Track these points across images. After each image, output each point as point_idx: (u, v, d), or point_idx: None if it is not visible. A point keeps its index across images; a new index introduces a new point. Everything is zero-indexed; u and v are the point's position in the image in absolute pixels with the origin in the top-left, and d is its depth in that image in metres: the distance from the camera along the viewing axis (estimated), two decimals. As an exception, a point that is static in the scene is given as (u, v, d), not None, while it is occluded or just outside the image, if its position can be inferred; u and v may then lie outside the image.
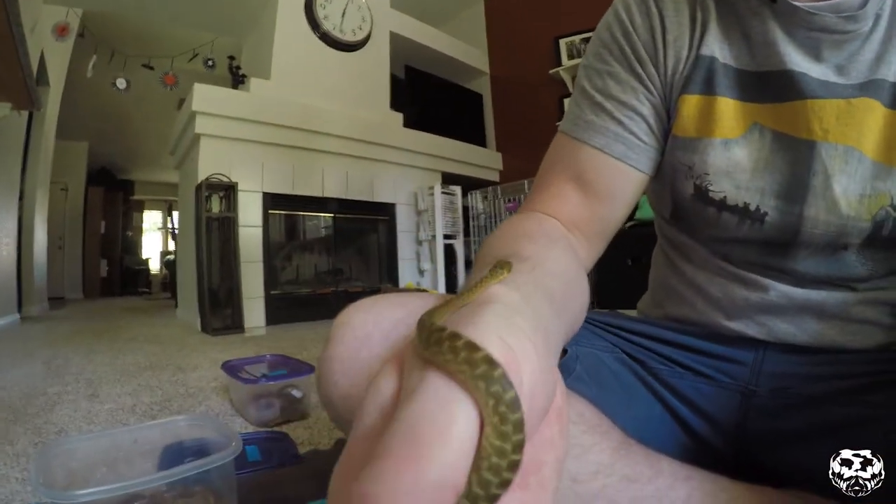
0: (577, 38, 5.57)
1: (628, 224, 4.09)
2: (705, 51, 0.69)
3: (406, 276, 5.14)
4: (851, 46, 0.64)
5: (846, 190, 0.64)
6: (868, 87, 0.64)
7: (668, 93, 0.72)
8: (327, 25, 4.61)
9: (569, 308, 0.47)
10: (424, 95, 5.95)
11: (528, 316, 0.33)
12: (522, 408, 0.24)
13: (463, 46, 6.32)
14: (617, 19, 0.74)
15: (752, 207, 0.68)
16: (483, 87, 6.72)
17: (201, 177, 3.65)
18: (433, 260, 5.09)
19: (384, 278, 5.02)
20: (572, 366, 0.72)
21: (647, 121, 0.72)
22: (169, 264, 9.06)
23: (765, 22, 0.66)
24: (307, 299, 4.41)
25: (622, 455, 0.61)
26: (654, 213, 0.90)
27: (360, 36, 4.87)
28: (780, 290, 0.71)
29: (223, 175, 3.71)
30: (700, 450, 0.74)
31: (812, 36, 0.64)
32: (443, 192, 5.06)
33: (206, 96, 3.70)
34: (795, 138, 0.66)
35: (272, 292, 4.08)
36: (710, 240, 0.75)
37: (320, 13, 4.58)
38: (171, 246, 10.53)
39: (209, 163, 3.73)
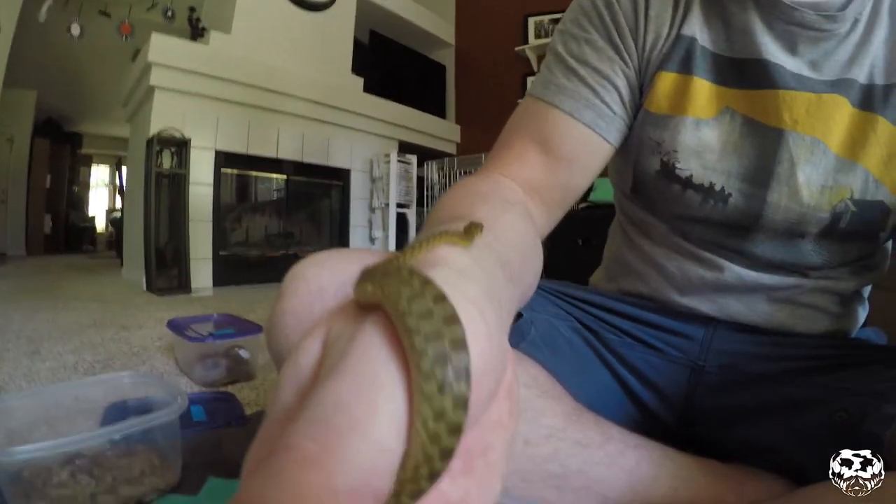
0: (546, 18, 5.56)
1: (581, 205, 4.14)
2: (686, 31, 0.70)
3: (357, 242, 5.12)
4: (827, 45, 0.66)
5: (809, 179, 0.67)
6: (839, 85, 0.66)
7: (644, 67, 0.73)
8: None
9: (522, 276, 0.46)
10: (387, 62, 5.87)
11: (480, 282, 0.28)
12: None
13: (430, 16, 6.23)
14: None
15: (718, 188, 0.71)
16: (447, 58, 6.66)
17: (153, 131, 3.54)
18: (385, 228, 5.08)
19: (335, 244, 4.98)
20: (527, 330, 0.74)
21: (620, 92, 0.72)
22: (115, 222, 8.71)
23: (745, 10, 0.68)
24: (256, 262, 4.36)
25: (574, 420, 0.65)
26: (614, 189, 0.92)
27: (326, -4, 4.76)
28: (735, 271, 0.74)
29: (176, 130, 3.60)
30: (648, 421, 0.78)
31: (790, 29, 0.66)
32: (399, 161, 5.04)
33: (163, 47, 3.57)
34: (765, 125, 0.69)
35: (221, 253, 4.02)
36: (671, 217, 0.77)
37: (288, -31, 4.44)
38: (119, 203, 10.16)
39: (162, 117, 3.61)
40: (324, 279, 0.53)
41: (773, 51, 0.67)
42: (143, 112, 3.92)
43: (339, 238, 5.04)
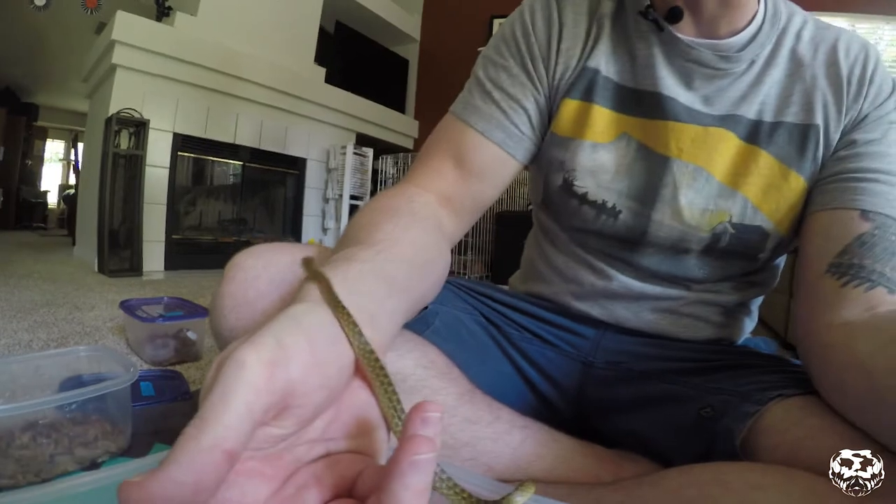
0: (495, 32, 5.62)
1: (530, 207, 4.25)
2: (591, 63, 0.78)
3: (310, 232, 5.13)
4: (721, 82, 0.75)
5: (691, 202, 0.75)
6: (727, 120, 0.74)
7: (553, 94, 0.81)
8: None
9: (412, 288, 0.52)
10: (351, 53, 5.86)
11: (323, 312, 0.37)
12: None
13: (397, 10, 6.24)
14: (521, 19, 0.82)
15: (609, 205, 0.78)
16: (411, 53, 6.68)
17: (113, 110, 3.51)
18: (338, 219, 5.11)
19: (287, 232, 5.00)
20: (431, 320, 0.80)
21: (529, 115, 0.80)
22: (68, 199, 8.41)
23: (649, 46, 0.76)
24: (209, 246, 4.34)
25: (466, 400, 0.72)
26: (531, 200, 1.00)
27: (294, -17, 4.72)
28: (622, 280, 0.81)
29: (135, 111, 3.58)
30: (545, 409, 0.86)
31: (687, 66, 0.74)
32: (355, 153, 5.07)
33: (127, 26, 3.52)
34: (655, 152, 0.77)
35: (173, 237, 3.99)
36: (571, 228, 0.85)
37: (259, -48, 4.37)
38: (72, 180, 9.70)
39: (122, 96, 3.58)
40: (259, 268, 0.64)
41: (669, 85, 0.75)
42: (104, 90, 3.87)
43: (292, 226, 5.04)
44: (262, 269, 0.62)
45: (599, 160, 0.78)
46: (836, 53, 0.74)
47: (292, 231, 5.02)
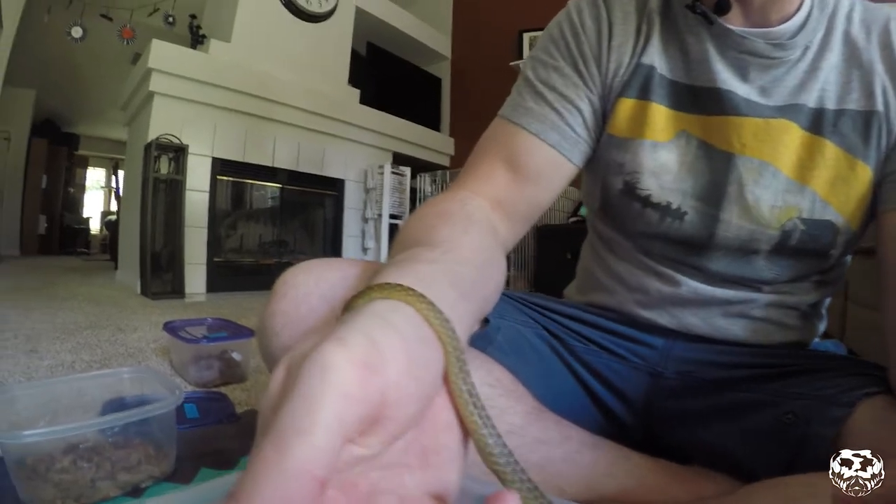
0: (540, 34, 5.61)
1: (571, 219, 4.20)
2: (645, 60, 0.76)
3: (349, 252, 5.14)
4: (777, 71, 0.71)
5: (758, 199, 0.71)
6: (787, 110, 0.71)
7: (607, 94, 0.78)
8: None
9: (479, 290, 0.49)
10: (383, 74, 5.92)
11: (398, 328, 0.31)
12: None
13: (427, 29, 6.30)
14: (568, 19, 0.79)
15: (674, 206, 0.75)
16: (443, 71, 6.72)
17: (151, 136, 3.57)
18: (377, 238, 5.10)
19: (328, 253, 5.00)
20: (493, 336, 0.77)
21: (584, 116, 0.77)
22: (110, 225, 8.69)
23: (701, 41, 0.73)
24: (250, 268, 4.39)
25: (534, 419, 0.68)
26: (586, 208, 0.96)
27: (325, 8, 4.79)
28: (691, 285, 0.77)
29: (174, 136, 3.64)
30: (611, 424, 0.81)
31: (741, 58, 0.71)
32: (392, 172, 5.07)
33: (163, 54, 3.61)
34: (717, 149, 0.73)
35: (215, 259, 4.03)
36: (634, 234, 0.81)
37: (288, -21, 4.46)
38: (113, 206, 10.07)
39: (160, 123, 3.64)
40: (310, 284, 0.61)
41: (725, 78, 0.72)
42: (142, 117, 3.94)
43: (332, 247, 5.06)
44: (314, 285, 0.61)
45: (661, 160, 0.75)
46: (890, 35, 0.71)
47: (332, 252, 5.03)
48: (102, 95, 7.95)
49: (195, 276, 3.85)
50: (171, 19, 4.92)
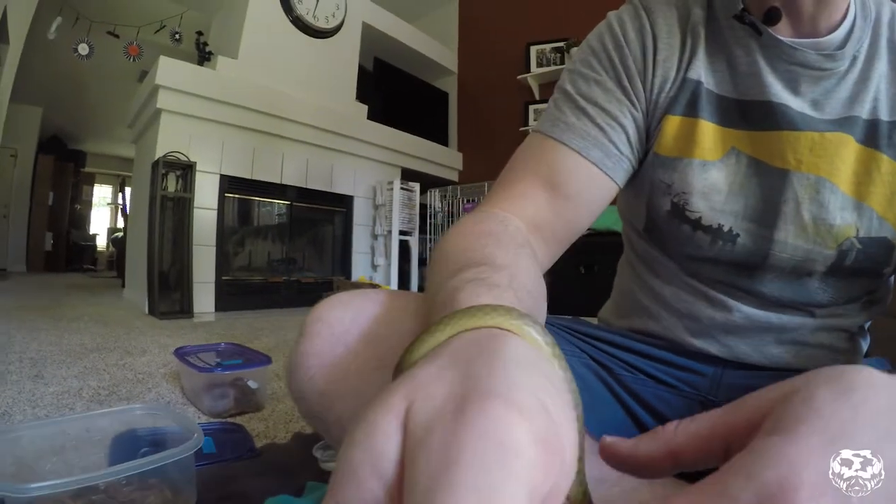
0: (547, 47, 5.61)
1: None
2: (692, 74, 0.71)
3: (359, 269, 5.10)
4: (828, 83, 0.67)
5: (815, 218, 0.67)
6: (842, 124, 0.67)
7: (652, 110, 0.73)
8: (301, 10, 4.51)
9: (538, 318, 0.44)
10: (391, 89, 5.91)
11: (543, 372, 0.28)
12: None
13: (434, 44, 6.31)
14: (610, 31, 0.75)
15: (726, 229, 0.71)
16: (450, 86, 6.72)
17: (159, 153, 3.54)
18: (388, 255, 5.07)
19: (337, 270, 4.97)
20: None
21: (628, 133, 0.72)
22: (116, 242, 8.73)
23: (750, 53, 0.69)
24: (259, 287, 4.34)
25: (591, 459, 0.62)
26: (623, 225, 0.92)
27: (332, 24, 4.80)
28: (744, 311, 0.73)
29: (181, 153, 3.61)
30: None
31: (792, 69, 0.67)
32: (402, 188, 5.06)
33: (170, 71, 3.58)
34: (770, 166, 0.69)
35: (223, 278, 3.99)
36: (682, 256, 0.77)
37: (296, -4, 4.47)
38: (120, 223, 10.14)
39: (168, 140, 3.62)
40: (347, 322, 0.56)
41: (777, 91, 0.68)
42: (150, 134, 3.92)
43: (342, 265, 5.02)
44: (351, 321, 0.56)
45: (711, 180, 0.71)
46: None
47: (342, 269, 5.00)
48: (109, 113, 8.01)
49: (203, 295, 3.80)
50: (177, 36, 4.92)
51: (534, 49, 5.72)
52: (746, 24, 0.68)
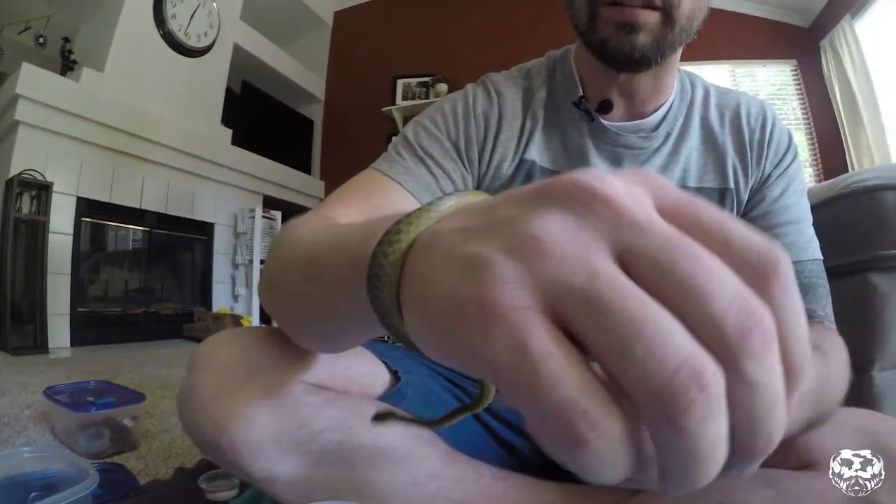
0: (413, 81, 5.78)
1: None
2: (528, 155, 0.84)
3: (220, 300, 4.92)
4: (644, 157, 0.82)
5: None
6: None
7: (490, 183, 0.84)
8: (173, 25, 4.31)
9: None
10: (257, 114, 5.80)
11: None
12: None
13: (303, 70, 6.27)
14: (464, 101, 0.86)
15: None
16: (316, 113, 6.69)
17: (14, 171, 3.25)
18: (249, 285, 4.98)
19: (197, 301, 4.77)
20: (405, 391, 0.81)
21: (456, 187, 0.82)
22: None
23: (581, 135, 0.83)
24: (116, 319, 4.06)
25: (450, 462, 0.74)
26: None
27: (204, 43, 4.65)
28: None
29: (38, 172, 3.35)
30: (514, 458, 0.88)
31: (616, 150, 0.82)
32: (263, 216, 5.01)
33: (33, 80, 3.30)
34: None
35: (80, 310, 3.71)
36: None
37: (169, 11, 4.25)
38: None
39: (24, 156, 3.33)
40: (236, 356, 0.64)
41: (600, 167, 0.79)
42: (4, 148, 3.54)
43: (202, 295, 4.82)
44: (240, 356, 0.63)
45: None
46: (740, 119, 0.83)
47: (202, 300, 4.79)
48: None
49: (58, 329, 3.51)
50: (41, 40, 4.46)
51: (400, 82, 5.88)
52: (582, 109, 0.81)
